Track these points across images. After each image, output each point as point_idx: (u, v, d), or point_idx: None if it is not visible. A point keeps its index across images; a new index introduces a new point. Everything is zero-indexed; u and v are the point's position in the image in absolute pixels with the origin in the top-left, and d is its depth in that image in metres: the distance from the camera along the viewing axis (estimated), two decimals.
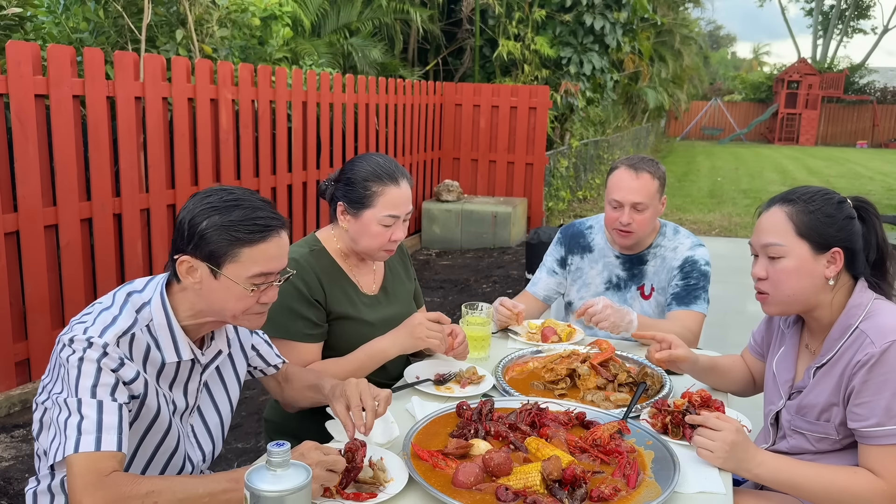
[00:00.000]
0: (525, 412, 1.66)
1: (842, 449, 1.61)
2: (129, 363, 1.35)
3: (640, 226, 2.42)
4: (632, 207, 2.38)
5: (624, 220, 2.40)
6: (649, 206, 2.40)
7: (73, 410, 1.29)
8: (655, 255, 2.53)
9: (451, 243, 7.58)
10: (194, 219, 1.38)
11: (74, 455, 1.26)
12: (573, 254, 2.65)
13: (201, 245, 1.38)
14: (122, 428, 1.31)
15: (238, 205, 1.39)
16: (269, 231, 1.40)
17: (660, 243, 2.53)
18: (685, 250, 2.49)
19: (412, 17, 8.62)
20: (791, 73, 28.88)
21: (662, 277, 2.51)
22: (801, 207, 1.58)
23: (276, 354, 1.77)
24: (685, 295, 2.43)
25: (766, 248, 1.61)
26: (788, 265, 1.58)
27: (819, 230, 1.57)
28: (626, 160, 2.45)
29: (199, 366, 1.52)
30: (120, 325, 1.37)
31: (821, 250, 1.57)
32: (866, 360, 1.49)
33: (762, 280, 1.63)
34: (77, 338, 1.32)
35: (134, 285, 1.47)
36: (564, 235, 2.69)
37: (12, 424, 3.35)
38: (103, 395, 1.30)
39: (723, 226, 9.41)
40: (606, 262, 2.58)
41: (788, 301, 1.62)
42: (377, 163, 1.94)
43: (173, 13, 4.91)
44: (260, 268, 1.40)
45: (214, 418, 1.61)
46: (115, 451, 1.28)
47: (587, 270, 2.62)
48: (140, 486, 1.24)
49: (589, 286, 2.61)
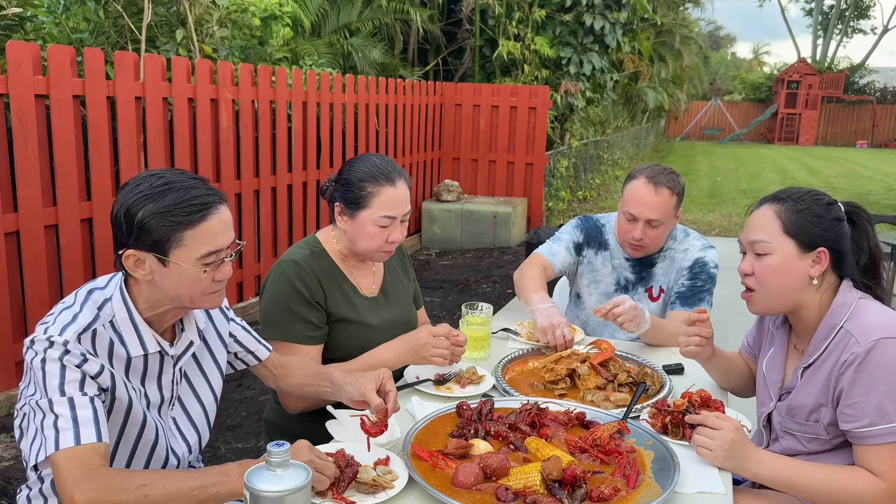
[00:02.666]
0: (525, 412, 1.66)
1: (832, 449, 1.61)
2: (92, 358, 1.35)
3: (653, 241, 2.38)
4: (646, 223, 2.33)
5: (637, 235, 2.35)
6: (664, 223, 2.35)
7: (47, 411, 1.29)
8: (665, 258, 2.50)
9: (451, 243, 7.58)
10: (129, 210, 1.36)
11: (57, 453, 1.26)
12: (590, 246, 2.61)
13: (142, 236, 1.35)
14: (99, 419, 1.31)
15: (170, 188, 1.36)
16: (207, 208, 1.38)
17: (670, 246, 2.51)
18: (696, 252, 2.47)
19: (412, 17, 8.62)
20: (791, 73, 28.87)
21: (671, 278, 2.49)
22: (790, 206, 1.60)
23: (258, 340, 1.75)
24: (690, 295, 2.41)
25: (752, 245, 1.64)
26: (773, 262, 1.60)
27: (806, 229, 1.58)
28: (647, 170, 2.36)
29: (169, 358, 1.51)
30: (80, 321, 1.36)
31: (806, 249, 1.59)
32: (852, 359, 1.49)
33: (748, 276, 1.65)
34: (38, 338, 1.32)
35: (97, 282, 1.47)
36: (584, 223, 2.64)
37: (12, 424, 3.35)
38: (72, 392, 1.30)
39: (723, 226, 9.41)
40: (616, 264, 2.56)
41: (772, 299, 1.63)
42: (373, 163, 1.93)
43: (173, 13, 4.91)
44: (207, 247, 1.38)
45: (197, 408, 1.60)
46: (97, 443, 1.28)
47: (600, 268, 2.59)
48: (131, 480, 1.25)
49: (599, 284, 2.59)
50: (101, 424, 1.30)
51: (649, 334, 2.27)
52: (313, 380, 1.73)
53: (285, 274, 1.92)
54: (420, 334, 1.89)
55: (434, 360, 1.88)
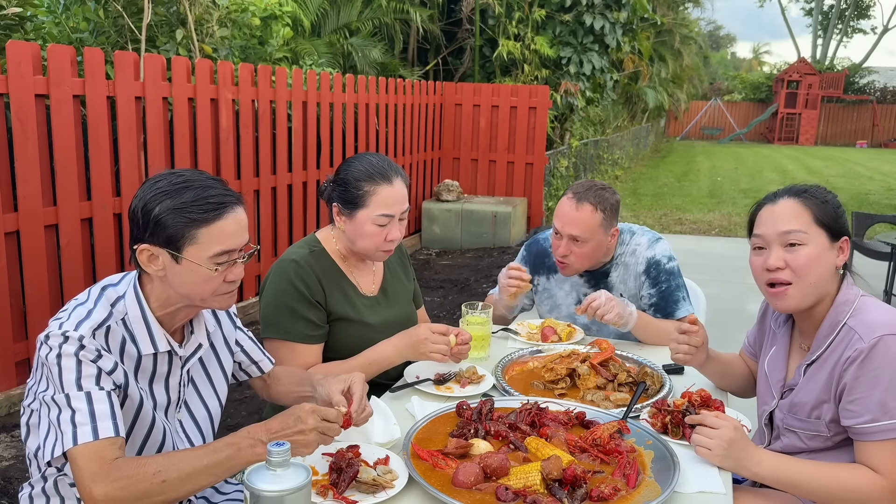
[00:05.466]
0: (525, 412, 1.66)
1: (834, 447, 1.62)
2: (106, 354, 1.35)
3: (578, 259, 2.31)
4: (570, 239, 2.28)
5: (561, 252, 2.31)
6: (590, 241, 2.27)
7: (64, 406, 1.29)
8: (618, 265, 2.43)
9: (451, 243, 7.58)
10: (146, 206, 1.37)
11: (75, 448, 1.26)
12: (539, 273, 2.56)
13: (157, 231, 1.37)
14: (115, 413, 1.31)
15: (188, 186, 1.38)
16: (223, 208, 1.39)
17: (620, 252, 2.43)
18: (644, 251, 2.39)
19: (412, 17, 8.62)
20: (791, 73, 28.87)
21: (631, 284, 2.41)
22: (814, 198, 1.61)
23: (263, 353, 1.77)
24: (664, 305, 2.35)
25: (786, 236, 1.58)
26: (811, 252, 1.57)
27: (834, 219, 1.60)
28: (575, 187, 2.32)
29: (178, 359, 1.52)
30: (95, 317, 1.37)
31: (835, 239, 1.60)
32: (856, 356, 1.50)
33: (780, 270, 1.59)
34: (53, 334, 1.32)
35: (110, 279, 1.48)
36: (529, 253, 2.60)
37: (13, 424, 3.35)
38: (89, 386, 1.31)
39: (723, 226, 9.41)
40: (573, 283, 2.49)
41: (809, 290, 1.59)
42: (370, 162, 1.94)
43: (173, 13, 4.91)
44: (220, 246, 1.39)
45: (202, 412, 1.61)
46: (114, 437, 1.29)
47: (556, 292, 2.54)
48: (147, 468, 1.26)
49: (560, 307, 2.53)
50: (117, 418, 1.31)
51: (641, 333, 2.27)
52: (298, 385, 1.74)
53: (285, 273, 1.92)
54: (420, 330, 1.90)
55: (433, 356, 1.88)
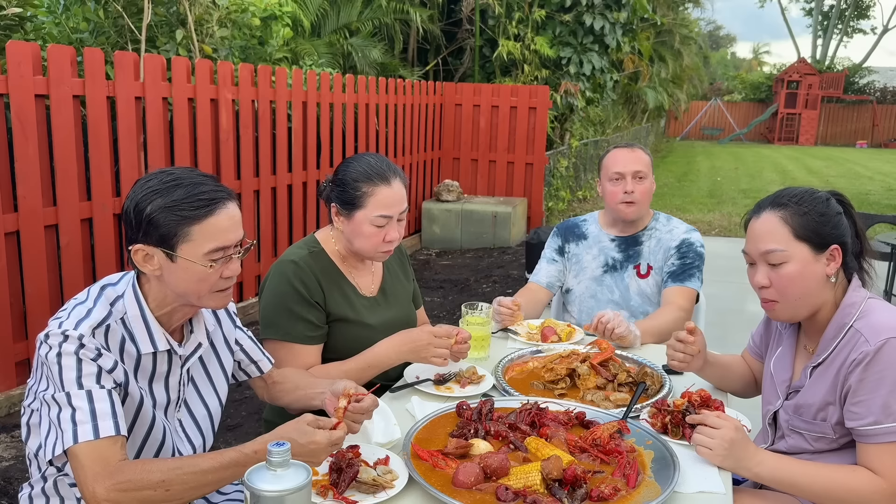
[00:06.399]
0: (525, 412, 1.66)
1: (839, 448, 1.61)
2: (106, 353, 1.35)
3: (643, 195, 2.55)
4: (633, 177, 2.52)
5: (629, 188, 2.52)
6: (648, 176, 2.56)
7: (64, 404, 1.29)
8: (650, 237, 2.63)
9: (451, 243, 7.58)
10: (138, 205, 1.37)
11: (76, 446, 1.26)
12: (569, 242, 2.75)
13: (150, 231, 1.37)
14: (116, 411, 1.31)
15: (179, 184, 1.38)
16: (215, 204, 1.39)
17: (654, 227, 2.65)
18: (681, 233, 2.60)
19: (412, 17, 8.61)
20: (791, 73, 28.86)
21: (659, 257, 2.60)
22: (794, 210, 1.57)
23: (262, 353, 1.77)
24: (681, 272, 2.53)
25: (766, 256, 1.59)
26: (792, 269, 1.57)
27: (816, 230, 1.56)
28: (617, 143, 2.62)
29: (178, 358, 1.52)
30: (94, 316, 1.37)
31: (820, 250, 1.57)
32: (861, 358, 1.49)
33: (765, 288, 1.61)
34: (52, 333, 1.32)
35: (109, 279, 1.48)
36: (560, 229, 2.81)
37: (12, 424, 3.35)
38: (90, 385, 1.31)
39: (723, 226, 9.41)
40: (602, 247, 2.67)
41: (796, 306, 1.60)
42: (368, 163, 1.93)
43: (173, 13, 4.91)
44: (214, 243, 1.39)
45: (202, 411, 1.61)
46: (115, 436, 1.29)
47: (583, 256, 2.71)
48: (152, 475, 1.25)
49: (585, 270, 2.69)
50: (118, 417, 1.31)
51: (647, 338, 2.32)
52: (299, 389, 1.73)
53: (284, 274, 1.92)
54: (422, 335, 1.89)
55: (433, 361, 1.88)
